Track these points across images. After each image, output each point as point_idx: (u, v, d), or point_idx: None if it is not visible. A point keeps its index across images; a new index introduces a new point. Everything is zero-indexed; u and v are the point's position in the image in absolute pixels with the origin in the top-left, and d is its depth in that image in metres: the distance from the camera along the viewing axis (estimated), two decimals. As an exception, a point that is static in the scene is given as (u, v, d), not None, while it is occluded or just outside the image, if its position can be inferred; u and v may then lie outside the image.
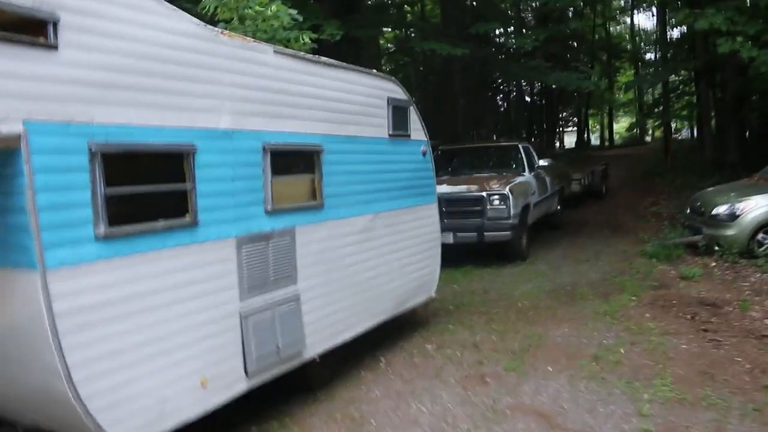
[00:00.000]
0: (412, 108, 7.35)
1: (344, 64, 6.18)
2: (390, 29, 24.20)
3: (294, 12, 7.83)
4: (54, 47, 3.51)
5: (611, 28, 45.24)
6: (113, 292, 3.84)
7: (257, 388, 5.00)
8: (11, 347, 3.77)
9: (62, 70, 3.56)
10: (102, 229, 3.76)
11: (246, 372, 4.82)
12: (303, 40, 7.76)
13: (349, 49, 13.92)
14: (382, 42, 27.94)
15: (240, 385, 4.80)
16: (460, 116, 21.31)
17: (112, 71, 3.82)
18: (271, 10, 7.46)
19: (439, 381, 6.22)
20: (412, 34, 25.98)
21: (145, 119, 4.03)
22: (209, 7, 7.52)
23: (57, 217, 3.53)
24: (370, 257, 6.47)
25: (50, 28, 3.49)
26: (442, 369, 6.55)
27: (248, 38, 5.12)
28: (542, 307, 8.70)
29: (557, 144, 42.14)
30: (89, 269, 3.71)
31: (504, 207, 11.23)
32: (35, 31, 3.44)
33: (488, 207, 11.28)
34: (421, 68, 30.88)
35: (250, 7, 7.40)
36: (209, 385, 4.48)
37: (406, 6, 26.72)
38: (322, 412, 5.65)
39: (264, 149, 5.01)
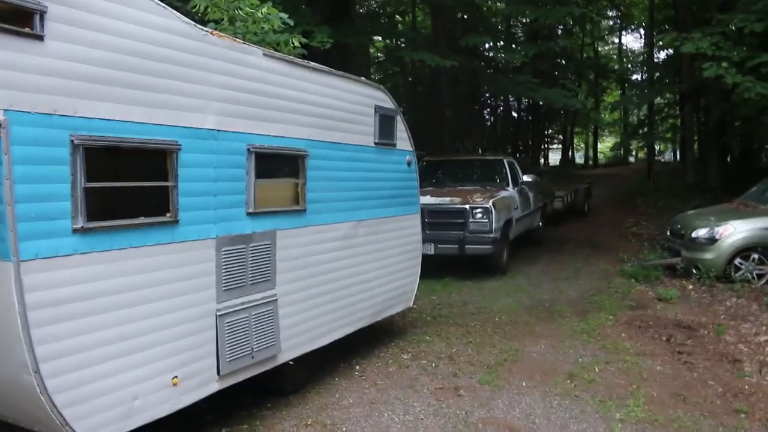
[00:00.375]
0: (399, 117, 7.37)
1: (333, 70, 6.18)
2: (380, 38, 24.24)
3: (285, 16, 7.82)
4: (40, 38, 3.48)
5: (599, 48, 45.70)
6: (88, 286, 3.81)
7: (229, 389, 4.98)
8: (-19, 338, 3.72)
9: (47, 62, 3.53)
10: (80, 223, 3.73)
11: (219, 372, 4.79)
12: (293, 44, 7.75)
13: (339, 56, 13.94)
14: (371, 51, 28.01)
15: (212, 386, 4.76)
16: (447, 128, 21.39)
17: (98, 65, 3.79)
18: (261, 13, 7.45)
19: (413, 391, 6.22)
20: (402, 44, 26.09)
21: (130, 115, 4.01)
22: (200, 6, 7.50)
23: (34, 209, 3.50)
24: (351, 264, 6.46)
25: (37, 18, 3.47)
26: (416, 379, 6.55)
27: (238, 39, 5.10)
28: (520, 323, 8.73)
29: (542, 161, 42.40)
30: (65, 262, 3.68)
31: (486, 221, 11.26)
32: (22, 20, 3.42)
33: (470, 220, 11.31)
34: (410, 78, 30.97)
35: (241, 9, 7.38)
36: (181, 384, 4.45)
37: (397, 16, 26.82)
38: (294, 416, 5.62)
39: (248, 151, 4.99)
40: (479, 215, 11.29)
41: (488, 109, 39.25)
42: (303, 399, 6.01)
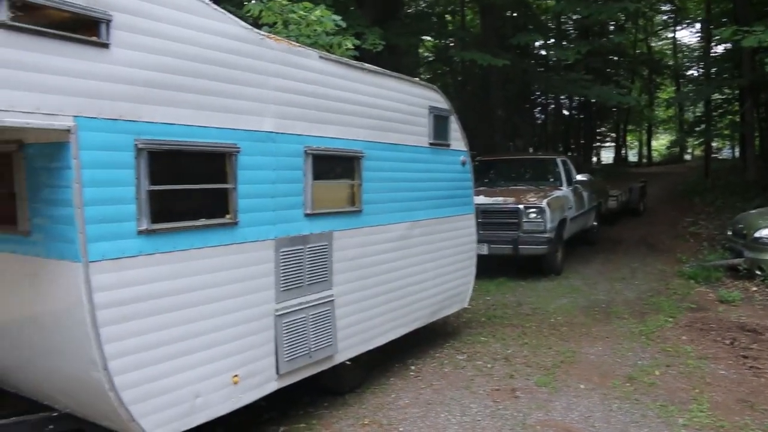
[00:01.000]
0: (452, 117, 7.35)
1: (387, 71, 6.19)
2: (430, 38, 24.18)
3: (338, 18, 7.88)
4: (106, 46, 3.59)
5: (653, 43, 44.71)
6: (152, 286, 3.91)
7: (286, 387, 5.03)
8: (52, 335, 3.86)
9: (113, 69, 3.63)
10: (144, 224, 3.82)
11: (277, 372, 4.85)
12: (346, 46, 7.80)
13: (389, 57, 13.96)
14: (420, 50, 27.98)
15: (271, 385, 4.83)
16: (498, 127, 21.21)
17: (160, 71, 3.88)
18: (315, 16, 7.52)
19: (469, 392, 6.19)
20: (451, 44, 25.97)
21: (191, 119, 4.09)
22: (254, 10, 7.60)
23: (102, 212, 3.61)
24: (406, 265, 6.47)
25: (103, 27, 3.57)
26: (472, 380, 6.51)
27: (294, 43, 5.16)
28: (576, 324, 8.60)
29: (594, 159, 41.71)
30: (130, 263, 3.78)
31: (540, 220, 11.15)
32: (88, 29, 3.52)
33: (524, 220, 11.20)
34: (460, 78, 30.81)
35: (294, 12, 7.46)
36: (241, 382, 4.53)
37: (447, 15, 26.71)
38: (351, 416, 5.65)
39: (306, 153, 5.04)
40: (533, 215, 11.18)
41: (539, 108, 38.77)
42: (359, 399, 6.04)
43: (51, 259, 3.68)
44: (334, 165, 5.50)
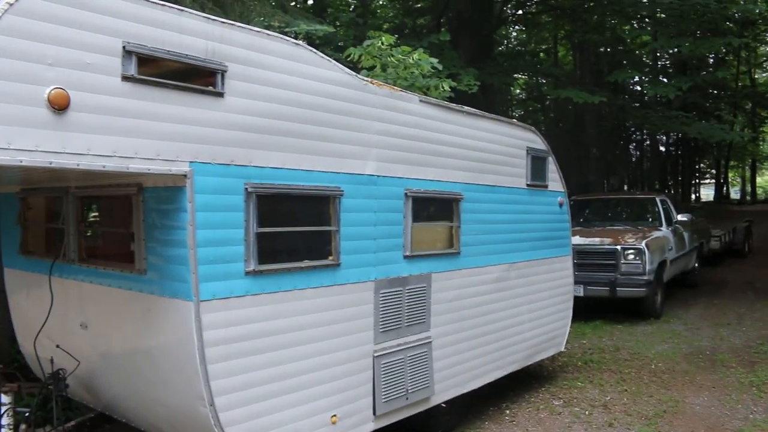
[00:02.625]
0: (550, 158, 7.28)
1: (486, 113, 6.22)
2: (523, 76, 24.10)
3: (435, 61, 7.99)
4: (220, 95, 3.77)
5: (756, 76, 42.95)
6: (258, 326, 4.03)
7: (382, 429, 5.03)
8: (162, 369, 4.03)
9: (226, 116, 3.81)
10: (252, 266, 3.96)
11: (374, 412, 4.87)
12: (443, 88, 7.89)
13: (483, 96, 14.00)
14: (512, 88, 27.90)
15: (367, 426, 4.85)
16: (592, 165, 20.82)
17: (269, 117, 4.04)
18: (413, 59, 7.65)
19: (567, 440, 6.02)
20: (543, 81, 25.79)
21: (297, 163, 4.23)
22: (354, 55, 7.81)
23: (213, 253, 3.76)
24: (503, 307, 6.40)
25: (218, 78, 3.76)
26: (569, 427, 6.33)
27: (396, 87, 5.26)
28: (678, 371, 8.24)
29: (693, 196, 40.20)
30: (238, 303, 3.91)
31: (639, 262, 10.81)
32: (204, 79, 3.71)
33: (622, 261, 10.89)
34: (552, 115, 30.51)
35: (393, 55, 7.62)
36: (339, 422, 4.57)
37: (541, 54, 26.58)
38: (446, 461, 5.59)
39: (406, 195, 5.11)
40: (632, 256, 10.86)
41: (633, 144, 37.85)
42: (454, 442, 5.97)
43: (164, 297, 3.85)
44: (433, 207, 5.54)
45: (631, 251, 10.89)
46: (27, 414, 4.47)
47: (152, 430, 4.53)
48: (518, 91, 30.94)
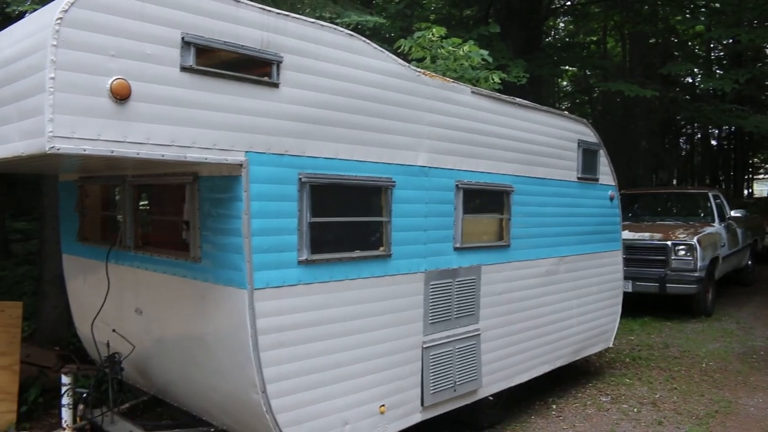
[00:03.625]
0: (601, 151, 7.17)
1: (537, 105, 6.15)
2: (572, 68, 23.70)
3: (485, 53, 7.92)
4: (276, 85, 3.80)
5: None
6: (309, 315, 4.06)
7: (427, 420, 5.03)
8: (215, 356, 4.10)
9: (281, 106, 3.84)
10: (305, 255, 3.99)
11: (422, 403, 4.88)
12: (492, 79, 7.82)
13: (531, 88, 13.83)
14: (558, 80, 27.51)
15: (415, 416, 4.86)
16: (641, 159, 20.43)
17: (323, 107, 4.06)
18: (463, 51, 7.60)
19: (616, 437, 5.94)
20: (589, 74, 25.34)
21: (350, 154, 4.25)
22: (404, 46, 7.79)
23: (267, 242, 3.80)
24: (552, 301, 6.34)
25: (274, 68, 3.79)
26: (617, 424, 6.25)
27: (447, 79, 5.23)
28: (731, 371, 8.06)
29: (745, 192, 39.15)
30: (290, 292, 3.95)
31: (690, 258, 10.59)
32: (260, 70, 3.75)
33: (672, 257, 10.69)
34: (600, 108, 29.99)
35: (443, 47, 7.58)
36: (387, 412, 4.59)
37: (592, 46, 26.12)
38: (492, 454, 5.58)
39: (457, 187, 5.09)
40: (682, 252, 10.65)
41: (683, 138, 36.99)
42: (500, 436, 5.95)
43: (219, 285, 3.91)
44: (483, 199, 5.51)
45: (683, 247, 10.68)
46: (84, 395, 4.59)
47: (204, 414, 4.62)
48: (565, 83, 30.49)
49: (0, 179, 12.59)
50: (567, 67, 21.37)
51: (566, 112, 6.68)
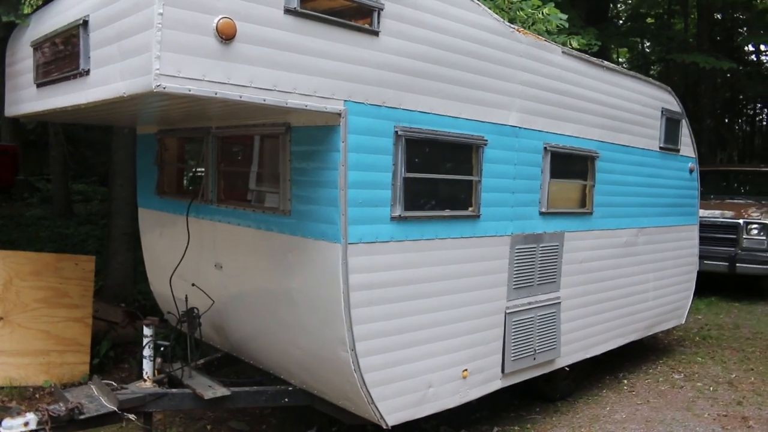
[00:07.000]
0: (684, 121, 6.90)
1: (624, 69, 5.93)
2: (643, 39, 22.95)
3: (564, 17, 7.66)
4: (376, 33, 3.67)
5: None
6: (399, 273, 3.97)
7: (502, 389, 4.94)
8: (301, 312, 4.02)
9: (380, 56, 3.71)
10: (398, 211, 3.89)
11: (503, 370, 4.78)
12: (571, 44, 7.56)
13: (599, 58, 13.46)
14: (620, 51, 26.76)
15: (495, 383, 4.77)
16: (705, 137, 19.77)
17: (421, 59, 3.93)
18: (543, 13, 7.36)
19: (692, 414, 5.76)
20: (652, 48, 24.57)
21: (445, 109, 4.11)
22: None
23: (362, 195, 3.71)
24: (630, 273, 6.17)
25: (375, 16, 3.65)
26: (693, 402, 6.07)
27: (539, 36, 5.05)
28: (808, 354, 7.79)
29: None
30: (382, 248, 3.86)
31: (763, 238, 10.24)
32: (361, 17, 3.62)
33: (744, 236, 10.35)
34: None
35: (522, 9, 7.34)
36: (469, 377, 4.50)
37: (665, 16, 25.29)
38: (565, 424, 5.46)
39: (545, 150, 4.93)
40: (755, 231, 10.30)
41: (744, 118, 35.81)
42: (572, 408, 5.83)
43: (309, 239, 3.83)
44: (569, 164, 5.33)
45: (755, 226, 10.33)
46: (162, 348, 4.57)
47: (282, 372, 4.56)
48: (621, 59, 29.64)
49: (66, 138, 12.77)
50: (637, 39, 20.64)
51: (652, 79, 6.41)
